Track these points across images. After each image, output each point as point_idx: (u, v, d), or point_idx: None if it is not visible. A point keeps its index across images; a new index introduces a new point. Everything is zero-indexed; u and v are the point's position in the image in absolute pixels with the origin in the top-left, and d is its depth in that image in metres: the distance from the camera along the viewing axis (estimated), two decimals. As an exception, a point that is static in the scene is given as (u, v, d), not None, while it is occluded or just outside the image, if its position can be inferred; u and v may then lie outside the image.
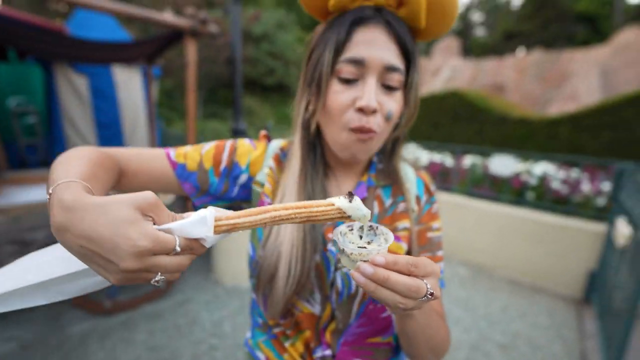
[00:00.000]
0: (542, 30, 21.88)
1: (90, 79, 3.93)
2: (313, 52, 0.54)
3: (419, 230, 0.61)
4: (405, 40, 0.50)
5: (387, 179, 0.62)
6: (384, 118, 0.51)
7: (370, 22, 0.49)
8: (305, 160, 0.58)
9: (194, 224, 0.33)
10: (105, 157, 0.45)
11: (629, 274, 1.80)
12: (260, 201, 0.60)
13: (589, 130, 4.23)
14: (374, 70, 0.49)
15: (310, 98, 0.55)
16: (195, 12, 2.26)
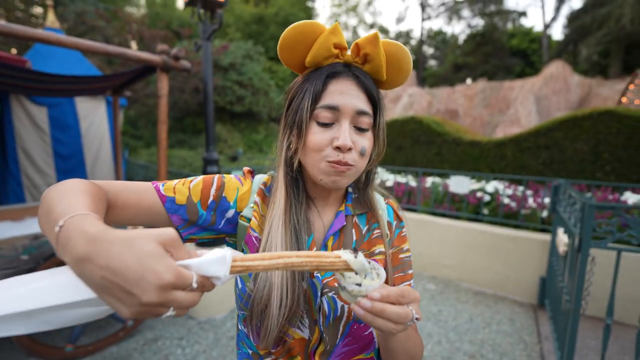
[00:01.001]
0: (484, 63, 24.55)
1: (50, 110, 3.79)
2: (293, 100, 0.62)
3: (393, 252, 0.69)
4: (371, 89, 0.59)
5: (362, 207, 0.69)
6: (358, 154, 0.59)
7: (341, 76, 0.58)
8: (290, 193, 0.63)
9: (213, 262, 0.35)
10: (98, 189, 0.48)
11: (569, 277, 2.06)
12: (247, 235, 0.64)
13: (529, 150, 4.78)
14: (347, 115, 0.57)
15: (292, 139, 0.62)
16: (168, 49, 2.35)
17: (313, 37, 0.57)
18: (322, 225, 0.67)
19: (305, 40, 0.57)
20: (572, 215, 2.21)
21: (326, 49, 0.57)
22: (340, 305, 0.60)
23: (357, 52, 0.59)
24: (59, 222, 0.34)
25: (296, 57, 0.60)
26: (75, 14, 8.85)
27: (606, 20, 15.90)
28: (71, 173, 4.06)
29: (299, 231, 0.61)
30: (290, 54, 0.60)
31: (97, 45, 1.91)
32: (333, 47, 0.57)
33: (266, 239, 0.60)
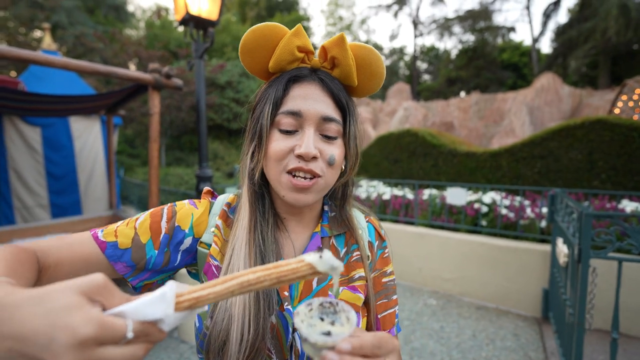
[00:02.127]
0: (477, 76, 25.08)
1: (43, 130, 3.78)
2: (256, 108, 0.58)
3: (374, 277, 0.62)
4: (339, 94, 0.54)
5: (340, 227, 0.62)
6: (326, 163, 0.53)
7: (305, 80, 0.54)
8: (254, 210, 0.56)
9: (151, 302, 0.29)
10: (20, 251, 0.42)
11: (572, 290, 2.00)
12: (207, 264, 0.56)
13: (524, 160, 4.78)
14: (311, 121, 0.52)
15: (254, 149, 0.57)
16: (159, 67, 2.37)
17: (275, 40, 0.53)
18: (293, 249, 0.59)
19: (266, 43, 0.53)
20: (570, 224, 2.18)
21: (289, 52, 0.52)
22: None
23: (325, 56, 0.55)
24: None
25: (258, 63, 0.56)
26: (74, 36, 9.03)
27: (592, 33, 16.40)
28: (64, 193, 4.02)
29: (265, 254, 0.54)
30: (252, 59, 0.55)
31: (86, 64, 1.92)
32: (297, 50, 0.53)
33: (227, 264, 0.53)
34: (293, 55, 0.53)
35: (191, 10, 2.54)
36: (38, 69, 3.96)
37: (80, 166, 4.10)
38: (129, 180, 6.40)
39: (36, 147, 3.78)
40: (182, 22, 2.63)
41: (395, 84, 20.74)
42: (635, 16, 14.28)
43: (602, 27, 15.15)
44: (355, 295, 0.57)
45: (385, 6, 30.93)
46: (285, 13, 28.68)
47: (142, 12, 22.62)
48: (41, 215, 3.87)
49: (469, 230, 3.74)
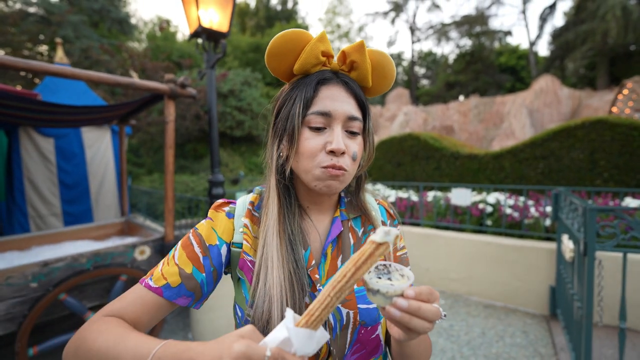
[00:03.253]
0: (475, 80, 25.30)
1: (57, 140, 3.89)
2: (282, 107, 0.62)
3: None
4: (360, 95, 0.61)
5: (356, 211, 0.69)
6: (350, 158, 0.59)
7: (331, 82, 0.59)
8: (282, 202, 0.62)
9: (278, 330, 0.39)
10: (118, 321, 0.51)
11: (579, 283, 2.05)
12: (241, 260, 0.62)
13: (526, 161, 4.86)
14: (339, 120, 0.58)
15: (282, 146, 0.61)
16: (175, 77, 2.47)
17: (301, 44, 0.58)
18: (318, 235, 0.65)
19: (293, 47, 0.58)
20: (574, 220, 2.24)
21: (314, 57, 0.58)
22: (346, 313, 0.59)
23: (344, 60, 0.61)
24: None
25: (284, 65, 0.61)
26: (80, 49, 9.23)
27: (589, 35, 16.59)
28: (76, 202, 4.10)
29: (294, 242, 0.60)
30: (278, 62, 0.61)
31: (108, 77, 2.02)
32: (321, 54, 0.58)
33: (261, 255, 0.58)
34: (317, 59, 0.59)
35: (203, 23, 2.66)
36: (51, 82, 4.08)
37: (92, 175, 4.20)
38: (136, 188, 6.49)
39: (50, 157, 3.88)
40: (194, 35, 2.75)
41: (394, 89, 20.95)
42: (635, 18, 14.47)
43: (602, 29, 15.34)
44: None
45: (382, 13, 31.38)
46: (284, 22, 29.12)
47: (144, 25, 23.05)
48: (54, 223, 3.95)
49: (475, 230, 3.80)
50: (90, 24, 12.24)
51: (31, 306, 1.85)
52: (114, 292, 2.20)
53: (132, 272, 2.27)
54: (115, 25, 13.58)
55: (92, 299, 2.21)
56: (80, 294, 2.15)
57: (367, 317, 0.60)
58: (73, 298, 2.02)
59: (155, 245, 2.50)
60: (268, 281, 0.55)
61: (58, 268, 2.00)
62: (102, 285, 2.24)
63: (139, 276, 2.32)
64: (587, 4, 17.21)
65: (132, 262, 2.36)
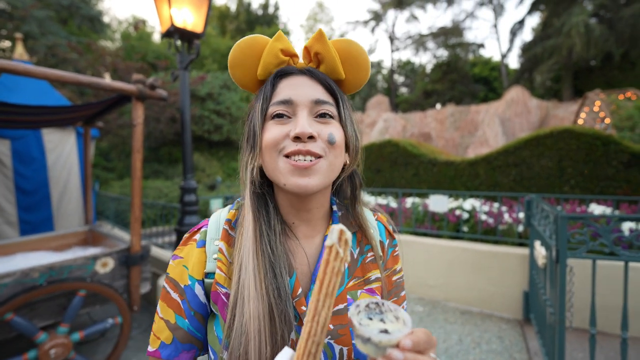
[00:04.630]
0: (451, 89, 26.26)
1: (13, 143, 3.59)
2: (249, 115, 0.58)
3: (386, 275, 0.61)
4: (327, 80, 0.54)
5: (351, 226, 0.59)
6: (326, 142, 0.50)
7: (292, 74, 0.54)
8: (257, 217, 0.52)
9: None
10: None
11: (551, 289, 2.09)
12: (213, 292, 0.52)
13: (500, 169, 5.02)
14: (303, 105, 0.51)
15: (252, 152, 0.55)
16: (144, 78, 2.33)
17: (259, 49, 0.55)
18: (306, 257, 0.56)
19: (252, 53, 0.55)
20: (546, 227, 2.29)
21: (274, 56, 0.54)
22: (339, 350, 0.51)
23: (309, 55, 0.56)
24: None
25: (248, 74, 0.57)
26: (45, 46, 8.71)
27: (555, 50, 17.66)
28: (35, 209, 3.79)
29: (275, 266, 0.50)
30: (241, 72, 0.56)
31: (69, 75, 1.86)
32: (281, 53, 0.54)
33: (236, 283, 0.49)
34: (278, 58, 0.54)
35: (176, 23, 2.54)
36: (8, 79, 3.78)
37: (53, 180, 3.90)
38: (104, 194, 6.13)
39: (5, 161, 3.57)
40: (166, 34, 2.62)
41: (374, 96, 21.32)
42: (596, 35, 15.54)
43: (568, 44, 16.36)
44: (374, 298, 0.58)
45: (363, 22, 32.03)
46: (265, 27, 29.02)
47: (119, 24, 22.21)
48: (9, 232, 3.62)
49: (452, 236, 3.85)
50: (59, 21, 11.62)
51: (-30, 329, 1.65)
52: (70, 309, 2.01)
53: (92, 287, 2.09)
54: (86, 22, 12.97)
55: (45, 317, 2.00)
56: (31, 312, 1.94)
57: (362, 355, 0.52)
58: (22, 318, 1.83)
59: (119, 256, 2.32)
60: (245, 315, 0.46)
61: (5, 285, 1.80)
62: (57, 302, 2.05)
63: (100, 291, 2.14)
64: (553, 20, 18.36)
65: (93, 275, 2.18)
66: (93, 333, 2.17)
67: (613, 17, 16.18)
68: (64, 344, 1.97)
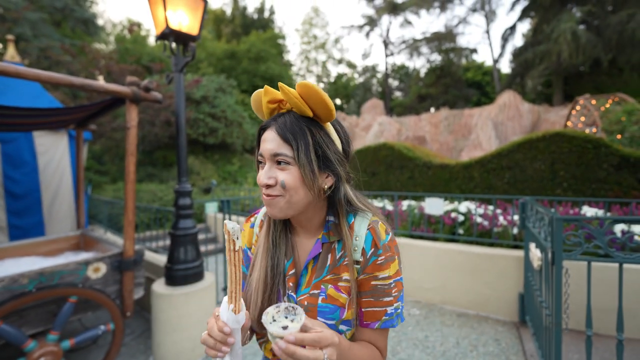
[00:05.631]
0: (445, 93, 26.54)
1: (3, 146, 3.52)
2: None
3: (363, 279, 0.73)
4: (283, 132, 0.67)
5: (338, 235, 0.75)
6: (279, 187, 0.68)
7: (268, 127, 0.71)
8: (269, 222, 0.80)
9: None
10: None
11: (547, 291, 2.10)
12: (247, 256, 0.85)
13: (494, 172, 5.06)
14: (267, 157, 0.69)
15: None
16: (138, 80, 2.31)
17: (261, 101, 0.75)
18: (305, 251, 0.78)
19: (260, 102, 0.75)
20: (541, 229, 2.31)
21: (265, 107, 0.72)
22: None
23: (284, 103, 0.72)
24: None
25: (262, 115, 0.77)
26: (38, 49, 8.61)
27: (546, 55, 17.98)
28: (25, 214, 3.71)
29: (273, 251, 0.76)
30: (259, 113, 0.77)
31: (60, 76, 1.83)
32: (269, 103, 0.71)
33: (254, 256, 0.80)
34: (268, 107, 0.72)
35: (171, 25, 2.53)
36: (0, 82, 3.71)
37: (45, 184, 3.83)
38: (97, 198, 6.03)
39: (-6, 164, 3.49)
40: (161, 36, 2.61)
41: (369, 100, 21.45)
42: (583, 42, 15.87)
43: (556, 50, 16.67)
44: (339, 295, 0.72)
45: (357, 27, 32.28)
46: (261, 31, 29.09)
47: (113, 27, 22.07)
48: (-2, 238, 3.54)
49: (448, 239, 3.86)
50: (52, 23, 11.49)
51: (-45, 337, 1.59)
52: (60, 316, 1.96)
53: (84, 292, 2.05)
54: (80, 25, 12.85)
55: (34, 324, 1.95)
56: (19, 319, 1.89)
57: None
58: (9, 325, 1.77)
59: (112, 261, 2.28)
60: (254, 274, 0.76)
61: (-7, 291, 1.75)
62: (47, 308, 2.00)
63: (92, 297, 2.09)
64: (543, 26, 18.72)
65: (85, 281, 2.13)
66: (84, 340, 2.12)
67: (600, 24, 16.54)
68: (54, 352, 1.92)
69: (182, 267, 2.56)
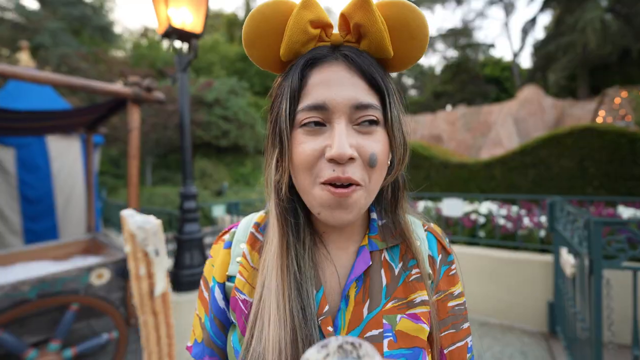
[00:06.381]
0: (462, 90, 25.82)
1: (18, 151, 3.58)
2: (272, 105, 0.47)
3: (438, 300, 0.50)
4: (372, 72, 0.42)
5: (393, 238, 0.50)
6: (366, 164, 0.42)
7: (325, 61, 0.42)
8: (285, 230, 0.46)
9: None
10: None
11: (583, 302, 1.88)
12: (233, 298, 0.47)
13: (517, 170, 4.77)
14: (341, 113, 0.41)
15: (278, 157, 0.46)
16: (140, 80, 2.25)
17: (282, 20, 0.43)
18: (336, 271, 0.48)
19: (272, 27, 0.43)
20: (574, 233, 2.09)
21: (301, 31, 0.41)
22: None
23: (347, 27, 0.44)
24: None
25: (268, 53, 0.45)
26: (57, 57, 8.91)
27: (570, 47, 17.16)
28: (39, 218, 3.77)
29: (302, 284, 0.43)
30: (261, 50, 0.45)
31: (58, 77, 1.78)
32: (310, 25, 0.41)
33: (259, 299, 0.43)
34: (306, 33, 0.42)
35: (174, 23, 2.46)
36: (14, 88, 3.79)
37: (58, 189, 3.88)
38: (111, 202, 6.13)
39: (9, 169, 3.55)
40: (165, 35, 2.54)
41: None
42: (613, 30, 15.04)
43: (582, 41, 15.88)
44: (418, 326, 0.45)
45: (370, 25, 31.97)
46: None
47: (130, 34, 22.76)
48: (13, 242, 3.60)
49: (467, 242, 3.64)
50: (71, 32, 11.91)
51: (-46, 346, 1.55)
52: (62, 324, 1.91)
53: (86, 299, 1.99)
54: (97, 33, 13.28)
55: (35, 333, 1.91)
56: (20, 328, 1.85)
57: None
58: (9, 334, 1.73)
59: (116, 267, 2.22)
60: (263, 341, 0.41)
61: (-6, 298, 1.71)
62: (48, 316, 1.95)
63: (95, 304, 2.03)
64: (566, 17, 17.87)
65: (87, 288, 2.07)
66: (87, 349, 2.06)
67: (629, 12, 15.62)
68: (56, 361, 1.87)
69: (188, 273, 2.49)
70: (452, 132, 15.97)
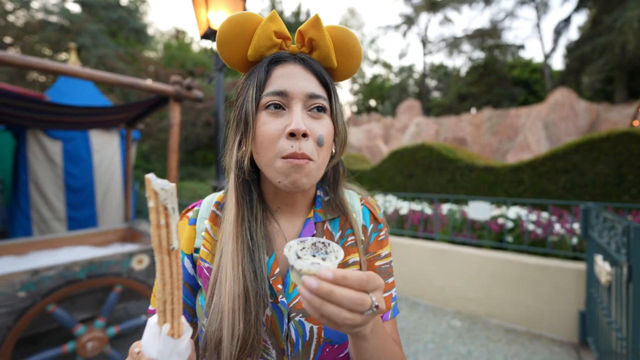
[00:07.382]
0: (488, 92, 24.99)
1: (65, 144, 3.86)
2: (239, 95, 0.57)
3: (367, 260, 0.62)
4: (321, 72, 0.54)
5: (334, 211, 0.61)
6: (316, 143, 0.52)
7: (287, 61, 0.54)
8: (241, 203, 0.55)
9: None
10: None
11: (620, 311, 1.82)
12: (198, 267, 0.57)
13: (547, 175, 4.61)
14: (298, 99, 0.51)
15: (241, 138, 0.55)
16: (181, 79, 2.39)
17: (251, 28, 0.53)
18: (285, 240, 0.58)
19: (243, 32, 0.53)
20: (611, 240, 2.02)
21: (267, 38, 0.53)
22: (309, 328, 0.53)
23: (302, 40, 0.55)
24: None
25: (237, 53, 0.56)
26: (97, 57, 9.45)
27: (607, 48, 16.25)
28: (81, 207, 4.04)
29: (253, 250, 0.53)
30: (230, 50, 0.55)
31: (110, 76, 1.93)
32: (274, 35, 0.53)
33: (217, 264, 0.53)
34: (271, 40, 0.53)
35: (213, 25, 2.59)
36: (63, 85, 4.09)
37: (98, 180, 4.14)
38: (144, 194, 6.45)
39: (56, 161, 3.84)
40: (204, 37, 2.68)
41: (405, 101, 20.86)
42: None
43: (620, 42, 15.00)
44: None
45: (394, 26, 31.61)
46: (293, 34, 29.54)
47: (161, 35, 23.73)
48: (58, 228, 3.88)
49: (494, 246, 3.56)
50: (109, 33, 12.61)
51: (17, 317, 1.72)
52: (107, 304, 2.06)
53: (128, 282, 2.14)
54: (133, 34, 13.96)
55: (83, 310, 2.07)
56: (71, 305, 2.02)
57: (332, 334, 0.53)
58: (63, 310, 1.89)
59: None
60: (222, 295, 0.50)
61: (49, 277, 1.88)
62: (95, 296, 2.11)
63: (135, 287, 2.18)
64: (603, 17, 16.93)
65: (129, 272, 2.23)
66: (128, 328, 2.21)
67: (675, 10, 14.58)
68: (101, 337, 2.02)
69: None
70: (477, 135, 15.53)
